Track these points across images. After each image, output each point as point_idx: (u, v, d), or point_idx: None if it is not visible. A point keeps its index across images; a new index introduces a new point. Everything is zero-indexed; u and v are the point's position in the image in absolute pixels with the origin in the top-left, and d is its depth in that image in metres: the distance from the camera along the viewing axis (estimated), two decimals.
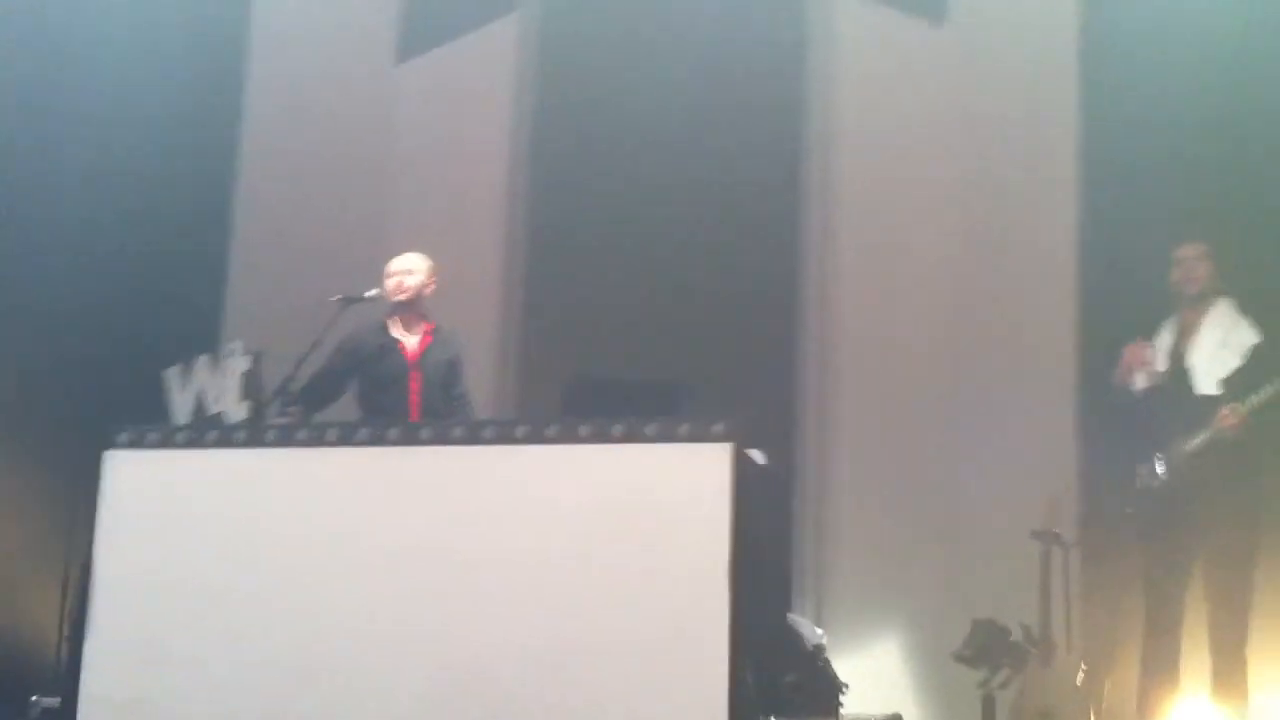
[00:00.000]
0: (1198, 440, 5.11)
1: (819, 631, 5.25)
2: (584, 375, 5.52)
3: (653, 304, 6.76)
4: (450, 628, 4.36)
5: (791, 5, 6.97)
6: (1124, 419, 5.40)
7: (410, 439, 4.66)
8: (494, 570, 4.37)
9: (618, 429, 4.45)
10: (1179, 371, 5.26)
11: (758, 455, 4.66)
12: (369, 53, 7.39)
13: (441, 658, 4.34)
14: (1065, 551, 5.48)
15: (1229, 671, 5.06)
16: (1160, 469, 5.18)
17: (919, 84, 6.78)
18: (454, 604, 4.38)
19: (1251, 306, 5.27)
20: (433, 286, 5.68)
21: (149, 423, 4.72)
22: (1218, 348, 5.23)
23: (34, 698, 5.05)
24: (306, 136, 7.20)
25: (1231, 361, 5.18)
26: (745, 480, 4.38)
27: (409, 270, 5.62)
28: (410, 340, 5.62)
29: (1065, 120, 6.47)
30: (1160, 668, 5.16)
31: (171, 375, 4.83)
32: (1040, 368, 6.32)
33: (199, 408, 4.75)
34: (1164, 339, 5.33)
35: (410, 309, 5.64)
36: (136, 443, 4.64)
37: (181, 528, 4.54)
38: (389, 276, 5.62)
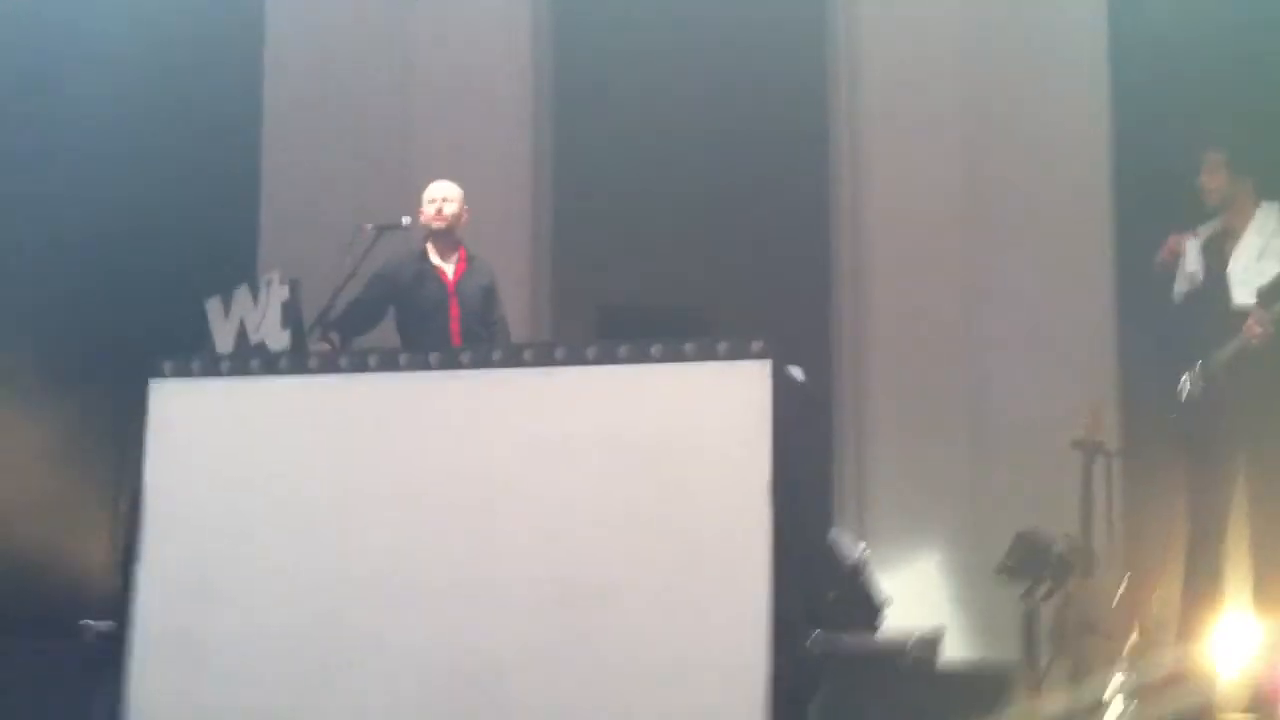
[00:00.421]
0: (1229, 350, 5.08)
1: (861, 546, 5.27)
2: (617, 301, 5.53)
3: (683, 228, 6.74)
4: (494, 551, 4.38)
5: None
6: (1164, 325, 5.37)
7: (451, 363, 4.68)
8: (536, 492, 4.39)
9: (656, 349, 4.45)
10: (1217, 277, 5.21)
11: (796, 372, 4.66)
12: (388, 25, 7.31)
13: (487, 581, 4.37)
14: (1108, 461, 5.43)
15: (1272, 582, 5.06)
16: (1191, 380, 5.15)
17: (946, 68, 6.66)
18: (497, 526, 4.40)
19: None
20: (467, 215, 5.70)
21: (192, 352, 4.75)
22: (1256, 256, 5.18)
23: (85, 621, 5.13)
24: (329, 64, 7.15)
25: (1270, 269, 5.13)
26: (784, 397, 4.38)
27: (446, 198, 5.64)
28: (447, 267, 5.65)
29: (1097, 22, 6.38)
30: (1203, 579, 5.15)
31: (212, 305, 4.87)
32: (1078, 274, 6.29)
33: (240, 337, 4.79)
34: (1203, 239, 5.28)
35: (446, 237, 5.66)
36: (181, 371, 4.67)
37: (227, 455, 4.58)
38: (427, 204, 5.62)
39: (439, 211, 5.63)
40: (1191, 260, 5.25)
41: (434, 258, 5.67)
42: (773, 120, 6.78)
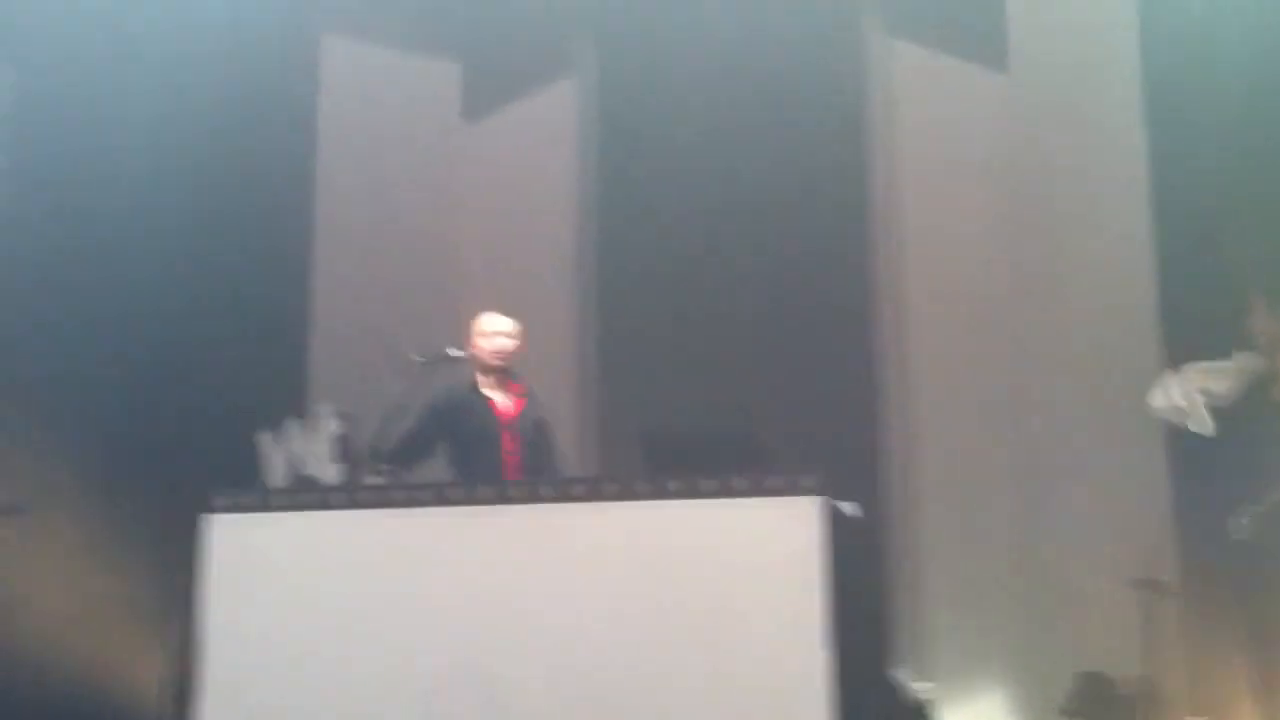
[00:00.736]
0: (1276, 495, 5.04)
1: (926, 686, 5.16)
2: (665, 431, 5.49)
3: (729, 356, 6.74)
4: (546, 685, 4.36)
5: (852, 56, 6.98)
6: (1220, 460, 5.33)
7: (502, 498, 4.68)
8: (588, 628, 4.38)
9: (707, 484, 4.44)
10: (1264, 418, 5.18)
11: (848, 507, 4.63)
12: (435, 114, 7.49)
13: (539, 713, 4.34)
14: (1168, 600, 5.36)
15: None
16: (1241, 524, 5.10)
17: (982, 129, 6.76)
18: (548, 661, 4.38)
19: None
20: (521, 347, 5.62)
21: (245, 486, 4.78)
22: None
23: None
24: (378, 198, 7.27)
25: None
26: (837, 533, 4.36)
27: (503, 334, 5.55)
28: (502, 401, 5.56)
29: (1131, 159, 6.42)
30: None
31: (264, 439, 4.91)
32: (1127, 409, 6.22)
33: (292, 470, 4.82)
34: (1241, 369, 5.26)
35: (502, 371, 5.58)
36: (234, 506, 4.70)
37: (282, 588, 4.59)
38: (484, 338, 5.55)
39: (500, 349, 5.54)
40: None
41: (488, 391, 5.58)
42: (814, 253, 6.82)
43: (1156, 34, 6.34)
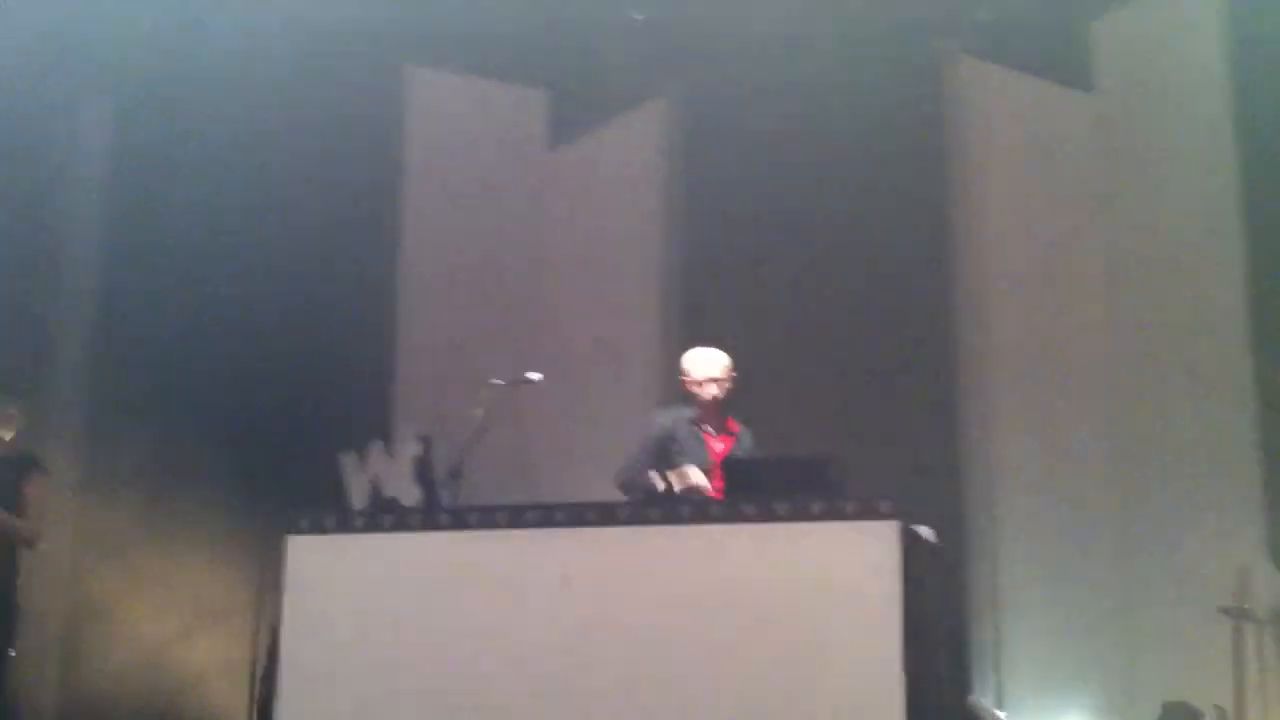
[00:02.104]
0: None
1: (1002, 715, 5.09)
2: (746, 453, 5.49)
3: (810, 377, 6.73)
4: (625, 708, 4.38)
5: (935, 79, 6.94)
6: None
7: (579, 520, 4.70)
8: (665, 652, 4.38)
9: (783, 508, 4.44)
10: None
11: (926, 532, 4.59)
12: (520, 141, 7.58)
13: None
14: (1259, 629, 5.22)
15: None
16: None
17: (1068, 150, 6.69)
18: (628, 685, 4.40)
19: None
20: (734, 384, 5.52)
21: (327, 507, 4.86)
22: None
23: None
24: (463, 223, 7.38)
25: None
26: (914, 558, 4.33)
27: (715, 379, 5.46)
28: (715, 441, 5.47)
29: (1225, 181, 6.31)
30: None
31: (347, 462, 4.98)
32: (1219, 432, 6.09)
33: (375, 492, 4.88)
34: None
35: (715, 408, 5.48)
36: (316, 527, 4.79)
37: (361, 611, 4.65)
38: (695, 380, 5.46)
39: (714, 396, 5.45)
40: None
41: (706, 427, 5.50)
42: (897, 273, 6.80)
43: (1243, 50, 6.25)
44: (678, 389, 5.86)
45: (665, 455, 5.40)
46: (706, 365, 5.49)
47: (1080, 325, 6.50)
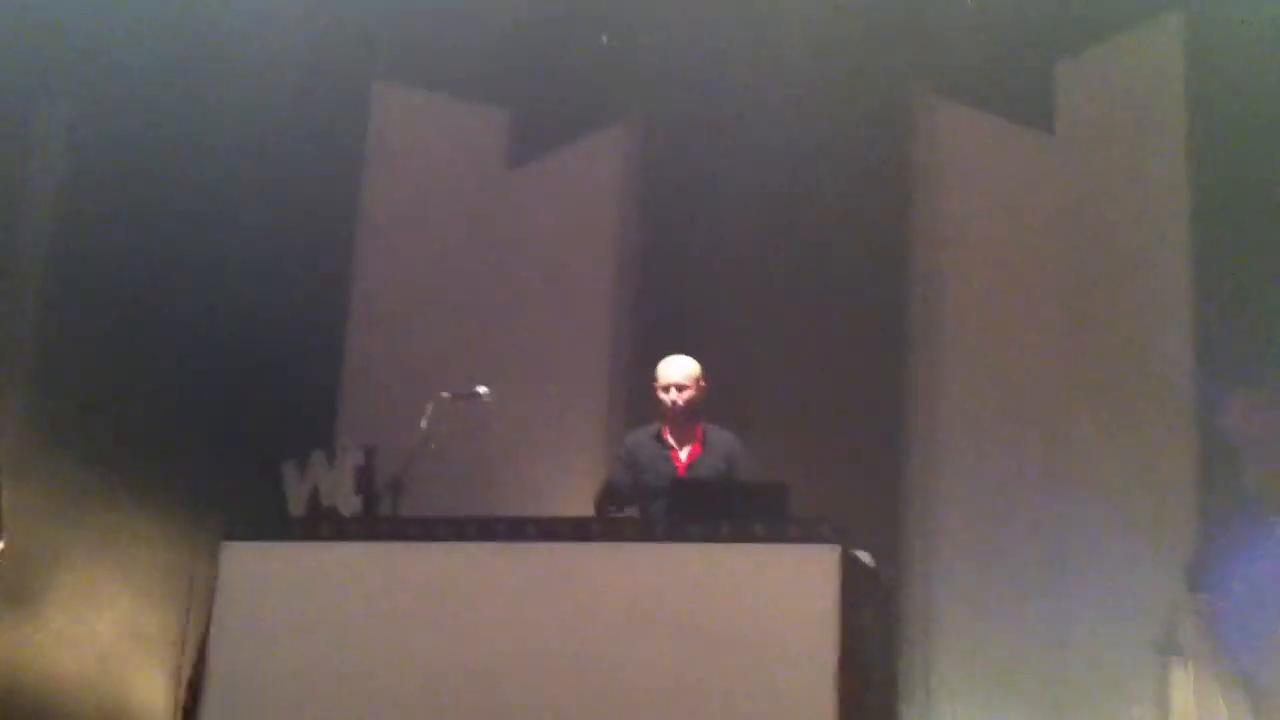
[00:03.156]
0: None
1: None
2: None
3: (760, 405, 6.74)
4: None
5: (899, 116, 6.99)
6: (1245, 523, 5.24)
7: (519, 535, 4.68)
8: (603, 668, 4.37)
9: (726, 529, 4.43)
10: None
11: (865, 556, 4.60)
12: (481, 159, 7.58)
13: None
14: (1188, 664, 5.26)
15: None
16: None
17: (1028, 190, 6.75)
18: (564, 701, 4.38)
19: None
20: (704, 391, 5.47)
21: (265, 515, 4.81)
22: None
23: None
24: (419, 237, 7.38)
25: None
26: (852, 581, 4.33)
27: (679, 385, 5.42)
28: (681, 450, 5.45)
29: (1176, 223, 6.38)
30: None
31: (288, 469, 4.94)
32: (1156, 467, 6.14)
33: (314, 501, 4.84)
34: None
35: (683, 419, 5.45)
36: (252, 534, 4.75)
37: (294, 619, 4.61)
38: (660, 387, 5.44)
39: (674, 404, 5.41)
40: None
41: (670, 439, 5.46)
42: (848, 303, 6.83)
43: (1203, 94, 6.33)
44: (633, 406, 5.89)
45: (632, 476, 5.40)
46: (668, 371, 5.47)
47: (1028, 358, 6.54)
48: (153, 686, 6.41)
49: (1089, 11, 6.64)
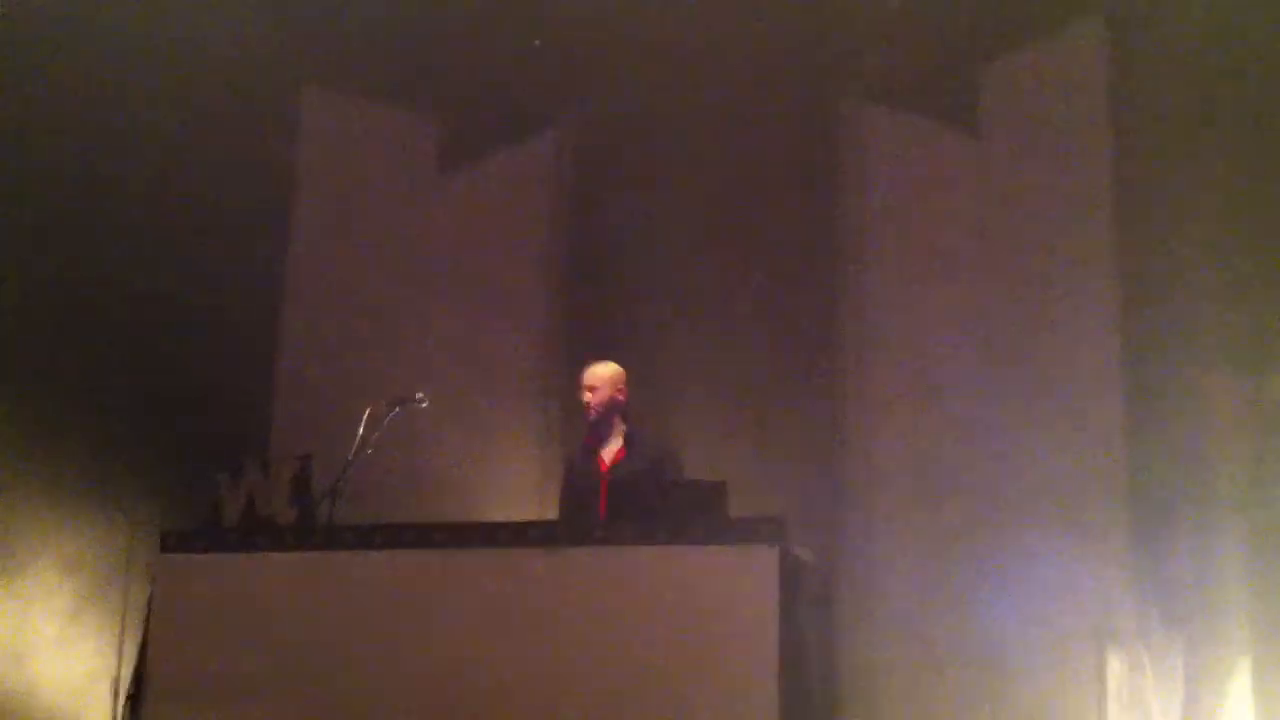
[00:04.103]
0: None
1: None
2: (627, 475, 5.49)
3: (696, 401, 6.77)
4: None
5: (824, 116, 7.05)
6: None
7: (455, 541, 4.67)
8: (542, 672, 4.37)
9: (664, 531, 4.44)
10: None
11: (805, 554, 4.63)
12: (412, 165, 7.54)
13: None
14: (1123, 650, 5.34)
15: None
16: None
17: (952, 190, 6.84)
18: (501, 706, 4.37)
19: None
20: (623, 394, 5.49)
21: (201, 525, 4.75)
22: None
23: None
24: (350, 244, 7.32)
25: None
26: (792, 580, 4.36)
27: (591, 386, 5.46)
28: (605, 454, 5.45)
29: (1099, 221, 6.49)
30: None
31: (222, 479, 4.89)
32: (1088, 459, 6.23)
33: (249, 511, 4.79)
34: None
35: (603, 423, 5.46)
36: (187, 546, 4.70)
37: (229, 629, 4.58)
38: (579, 391, 5.48)
39: (586, 406, 5.45)
40: None
41: (596, 444, 5.47)
42: (780, 302, 6.87)
43: (1124, 94, 6.45)
44: (568, 410, 5.87)
45: (569, 482, 5.43)
46: (586, 375, 5.50)
47: (958, 356, 6.62)
48: (92, 699, 6.31)
49: (1013, 13, 6.75)
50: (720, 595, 4.35)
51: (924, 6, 6.81)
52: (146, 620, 4.60)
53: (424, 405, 5.44)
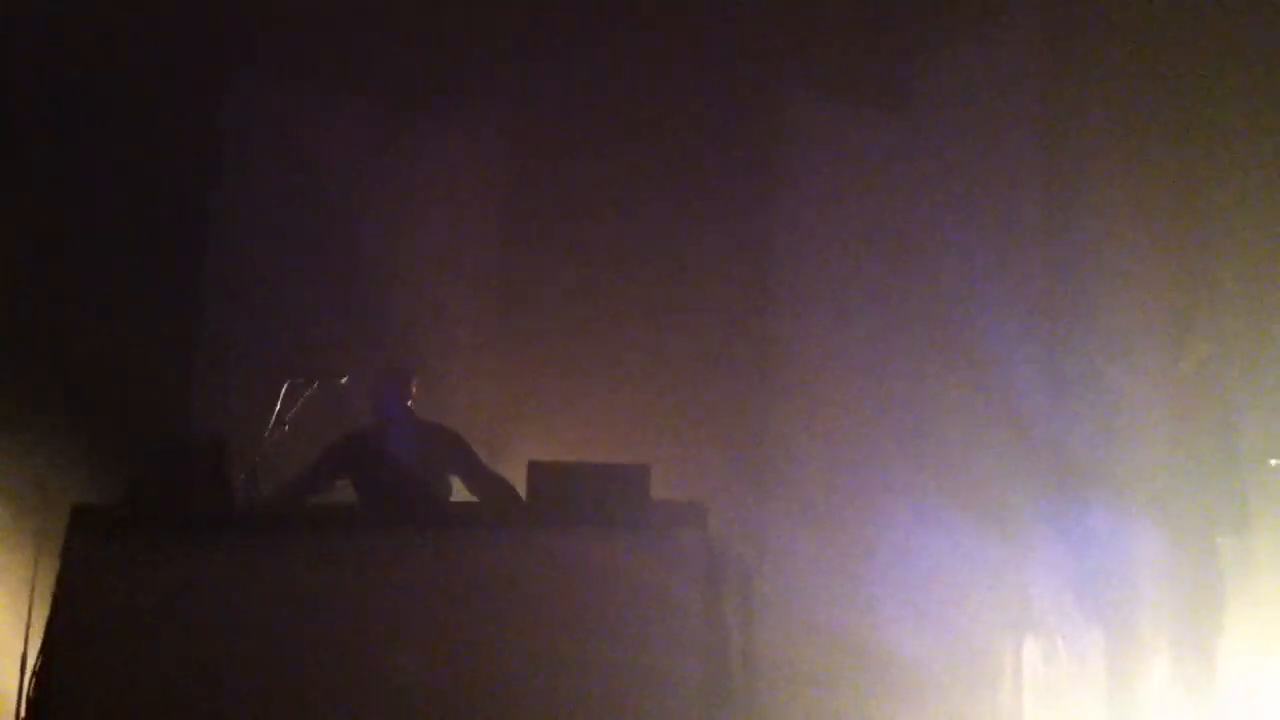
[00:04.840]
0: None
1: None
2: (553, 458, 5.45)
3: (624, 385, 6.75)
4: (425, 712, 4.32)
5: (756, 103, 7.05)
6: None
7: (381, 523, 4.63)
8: (464, 653, 4.34)
9: (589, 514, 4.42)
10: None
11: (729, 538, 4.64)
12: (341, 145, 7.42)
13: None
14: (1042, 645, 5.40)
15: None
16: None
17: (882, 179, 6.86)
18: (426, 688, 4.34)
19: None
20: (411, 395, 5.58)
21: (116, 507, 4.65)
22: None
23: None
24: (276, 218, 7.21)
25: None
26: (714, 566, 4.36)
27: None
28: (400, 444, 5.43)
29: (1031, 207, 6.54)
30: None
31: (138, 460, 4.79)
32: (1008, 453, 6.28)
33: (166, 494, 4.69)
34: None
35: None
36: (100, 523, 4.58)
37: (142, 612, 4.47)
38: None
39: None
40: None
41: (388, 434, 5.49)
42: (713, 287, 6.86)
43: (1058, 80, 6.50)
44: (500, 395, 5.86)
45: (344, 470, 5.39)
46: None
47: (882, 345, 6.65)
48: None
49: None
50: (642, 579, 4.35)
51: None
52: (55, 597, 4.50)
53: (344, 382, 5.39)
